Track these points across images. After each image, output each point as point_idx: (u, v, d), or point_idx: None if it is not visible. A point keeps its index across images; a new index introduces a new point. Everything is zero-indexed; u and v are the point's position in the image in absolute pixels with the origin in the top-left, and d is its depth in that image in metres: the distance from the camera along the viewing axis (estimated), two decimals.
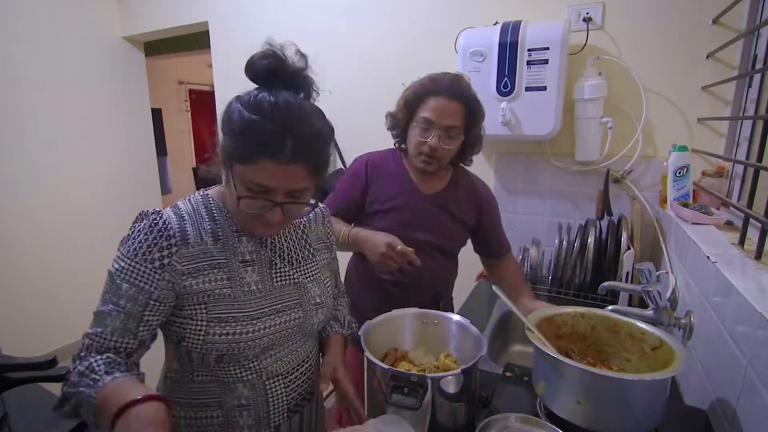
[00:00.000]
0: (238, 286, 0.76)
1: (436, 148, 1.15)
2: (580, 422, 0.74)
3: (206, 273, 0.74)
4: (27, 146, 2.59)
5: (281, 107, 0.69)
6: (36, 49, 2.58)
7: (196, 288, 0.73)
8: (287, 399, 0.85)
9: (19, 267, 2.62)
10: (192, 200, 0.79)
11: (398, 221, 1.23)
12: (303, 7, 2.19)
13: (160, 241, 0.71)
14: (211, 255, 0.75)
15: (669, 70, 1.53)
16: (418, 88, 1.18)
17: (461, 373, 0.77)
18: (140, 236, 0.71)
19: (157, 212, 0.73)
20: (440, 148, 1.15)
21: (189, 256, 0.73)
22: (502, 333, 1.48)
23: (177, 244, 0.72)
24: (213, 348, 0.74)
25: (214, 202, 0.79)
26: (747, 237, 0.93)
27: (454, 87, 1.14)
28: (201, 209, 0.78)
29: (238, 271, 0.77)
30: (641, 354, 0.87)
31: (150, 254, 0.70)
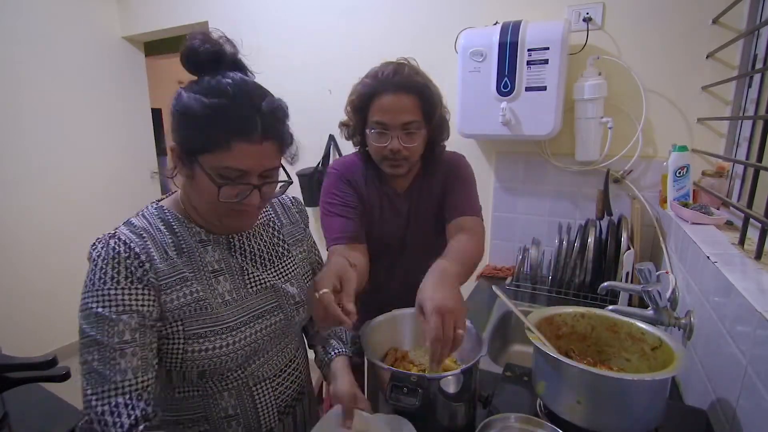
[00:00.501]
0: (211, 298, 0.72)
1: (398, 150, 1.03)
2: (580, 422, 0.74)
3: (178, 289, 0.70)
4: (27, 146, 2.59)
5: (242, 87, 0.67)
6: (36, 49, 2.58)
7: (170, 305, 0.69)
8: (276, 402, 0.82)
9: (19, 267, 2.62)
10: (146, 215, 0.74)
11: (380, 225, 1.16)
12: (303, 7, 2.19)
13: (132, 260, 0.66)
14: (179, 269, 0.71)
15: (669, 70, 1.53)
16: (361, 90, 1.05)
17: (461, 373, 0.77)
18: (111, 263, 0.65)
19: (112, 235, 0.69)
20: (402, 149, 1.03)
21: (159, 272, 0.68)
22: (502, 333, 1.48)
23: (147, 260, 0.67)
24: (193, 365, 0.71)
25: (170, 213, 0.74)
26: (747, 237, 0.93)
27: (398, 79, 1.02)
28: (158, 223, 0.73)
29: (209, 282, 0.73)
30: (641, 354, 0.86)
31: (132, 275, 0.66)
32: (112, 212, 3.07)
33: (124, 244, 0.67)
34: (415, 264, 1.06)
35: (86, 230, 2.94)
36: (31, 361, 0.92)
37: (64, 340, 2.86)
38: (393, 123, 1.02)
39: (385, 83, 1.02)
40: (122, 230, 0.71)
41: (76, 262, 3.19)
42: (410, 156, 1.06)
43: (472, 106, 1.69)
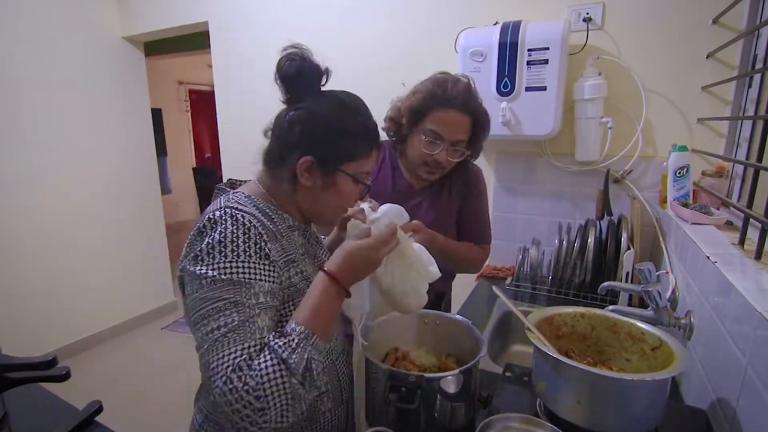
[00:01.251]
0: (309, 279, 0.75)
1: (442, 162, 1.10)
2: (580, 422, 0.74)
3: (287, 268, 0.72)
4: (27, 146, 2.59)
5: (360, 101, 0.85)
6: (36, 49, 2.58)
7: (286, 282, 0.72)
8: (348, 372, 0.88)
9: (19, 267, 2.62)
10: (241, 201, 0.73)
11: None
12: (303, 7, 2.19)
13: (262, 235, 0.68)
14: (287, 251, 0.74)
15: (669, 70, 1.53)
16: (426, 97, 1.08)
17: (461, 373, 0.77)
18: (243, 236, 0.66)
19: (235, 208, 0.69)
20: (447, 161, 1.11)
21: (274, 252, 0.70)
22: (502, 333, 1.48)
23: (268, 239, 0.69)
24: None
25: (260, 202, 0.76)
26: (747, 237, 0.93)
27: (467, 100, 1.08)
28: (253, 210, 0.72)
29: (305, 264, 0.77)
30: (641, 354, 0.87)
31: (261, 251, 0.67)
32: (112, 212, 3.08)
33: (254, 218, 0.69)
34: None
35: (86, 230, 2.95)
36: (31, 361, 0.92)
37: (64, 340, 2.86)
38: (448, 137, 1.08)
39: (453, 99, 1.07)
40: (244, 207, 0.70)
41: (76, 261, 3.22)
42: (447, 168, 1.14)
43: None
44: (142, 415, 2.29)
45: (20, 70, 2.52)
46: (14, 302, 2.60)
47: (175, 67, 5.65)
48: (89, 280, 2.97)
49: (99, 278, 3.02)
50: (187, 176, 6.18)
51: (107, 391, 2.51)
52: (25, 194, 2.60)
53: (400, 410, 0.76)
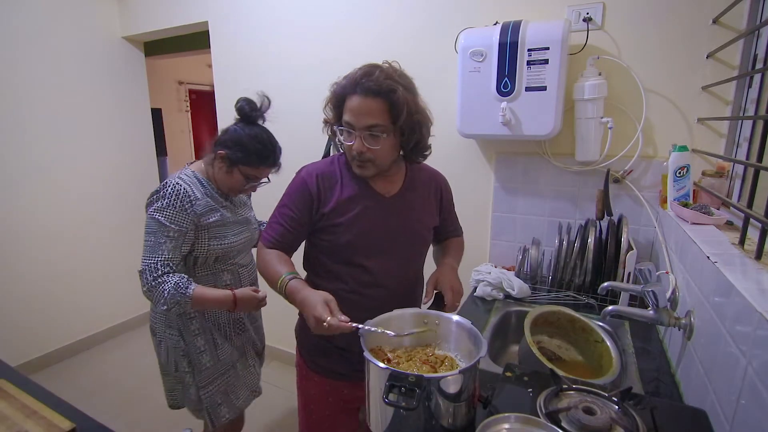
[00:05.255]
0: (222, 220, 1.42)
1: (361, 151, 1.06)
2: None
3: None
4: (27, 146, 2.59)
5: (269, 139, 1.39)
6: (36, 49, 2.58)
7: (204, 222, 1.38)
8: None
9: (19, 267, 2.62)
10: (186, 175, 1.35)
11: (362, 230, 1.13)
12: (302, 7, 2.19)
13: None
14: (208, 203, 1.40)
15: (669, 70, 1.53)
16: (337, 90, 1.08)
17: (461, 373, 0.77)
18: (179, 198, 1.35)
19: None
20: (366, 150, 1.05)
21: None
22: (502, 333, 1.48)
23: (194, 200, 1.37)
24: None
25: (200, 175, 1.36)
26: (747, 237, 0.93)
27: (367, 82, 1.02)
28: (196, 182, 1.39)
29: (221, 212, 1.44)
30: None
31: None
32: (112, 212, 3.08)
33: None
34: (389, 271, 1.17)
35: (86, 230, 2.95)
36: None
37: (64, 340, 2.86)
38: (358, 124, 1.04)
39: (355, 85, 1.03)
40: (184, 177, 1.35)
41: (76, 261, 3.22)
42: (376, 159, 1.07)
43: (472, 106, 1.69)
44: (142, 415, 2.29)
45: (20, 70, 2.52)
46: (14, 302, 2.60)
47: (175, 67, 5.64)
48: (89, 280, 2.97)
49: (99, 278, 3.02)
50: None
51: (107, 391, 2.51)
52: (24, 194, 2.60)
53: (400, 410, 0.76)
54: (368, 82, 1.02)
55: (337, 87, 1.08)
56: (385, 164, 1.11)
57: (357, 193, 1.14)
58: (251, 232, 1.51)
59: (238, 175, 1.36)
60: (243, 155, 1.34)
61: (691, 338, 0.98)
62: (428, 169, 1.29)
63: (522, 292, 1.56)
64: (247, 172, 1.37)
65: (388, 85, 1.02)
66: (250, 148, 1.34)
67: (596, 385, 0.89)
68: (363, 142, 1.04)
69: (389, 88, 1.02)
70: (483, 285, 1.62)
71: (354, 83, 1.03)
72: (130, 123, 3.16)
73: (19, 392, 1.02)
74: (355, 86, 1.03)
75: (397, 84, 1.03)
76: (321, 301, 0.94)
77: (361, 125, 1.04)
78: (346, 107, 1.06)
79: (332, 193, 1.13)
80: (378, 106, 1.02)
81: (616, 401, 0.81)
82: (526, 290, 1.57)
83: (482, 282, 1.63)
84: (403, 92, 1.03)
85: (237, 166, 1.35)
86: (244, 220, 1.48)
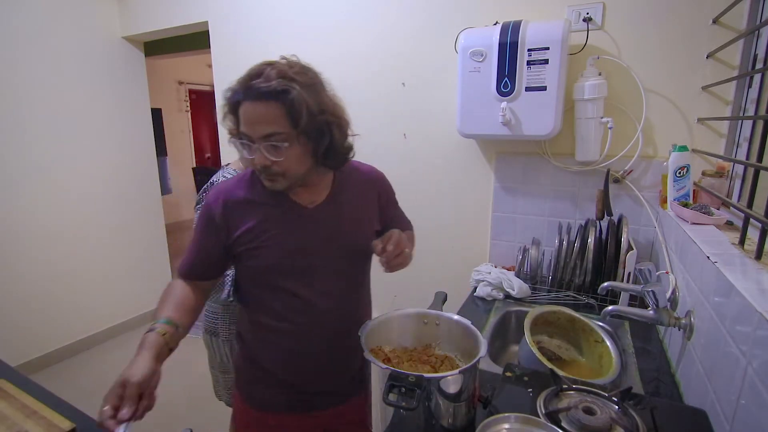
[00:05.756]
0: None
1: (265, 165, 0.90)
2: None
3: None
4: (27, 146, 2.59)
5: None
6: (36, 49, 2.58)
7: None
8: None
9: (19, 267, 2.62)
10: None
11: (285, 250, 0.98)
12: (303, 7, 2.19)
13: None
14: None
15: (669, 70, 1.53)
16: (229, 97, 0.91)
17: (461, 373, 0.77)
18: None
19: None
20: (271, 163, 0.90)
21: None
22: (502, 333, 1.48)
23: None
24: None
25: None
26: (747, 237, 0.93)
27: (257, 84, 0.87)
28: None
29: None
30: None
31: None
32: (112, 212, 3.08)
33: None
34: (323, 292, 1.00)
35: (86, 230, 2.95)
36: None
37: (64, 340, 2.86)
38: (255, 135, 0.88)
39: (244, 89, 0.88)
40: None
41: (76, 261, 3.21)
42: (285, 171, 0.92)
43: (472, 106, 1.69)
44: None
45: (20, 69, 2.52)
46: (14, 302, 2.60)
47: (175, 67, 5.65)
48: (89, 280, 2.97)
49: (99, 278, 3.02)
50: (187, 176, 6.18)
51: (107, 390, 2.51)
52: (24, 194, 2.60)
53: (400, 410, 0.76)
54: (258, 85, 0.86)
55: (229, 93, 0.92)
56: (298, 175, 0.94)
57: (274, 209, 0.99)
58: None
59: None
60: None
61: (691, 338, 0.98)
62: (363, 168, 1.13)
63: (522, 292, 1.56)
64: None
65: (281, 86, 0.86)
66: None
67: (596, 385, 0.89)
68: (265, 154, 0.89)
69: (282, 89, 0.86)
70: (483, 285, 1.62)
71: (243, 87, 0.88)
72: (130, 123, 3.16)
73: (19, 392, 1.02)
74: (244, 91, 0.88)
75: (291, 83, 0.87)
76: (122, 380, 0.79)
77: (258, 135, 0.88)
78: (240, 116, 0.90)
79: (244, 213, 0.98)
80: (273, 112, 0.87)
81: (616, 401, 0.82)
82: (526, 290, 1.57)
83: (482, 282, 1.63)
84: (300, 92, 0.87)
85: None
86: None
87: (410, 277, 2.17)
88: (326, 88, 0.96)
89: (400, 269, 0.96)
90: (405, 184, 2.11)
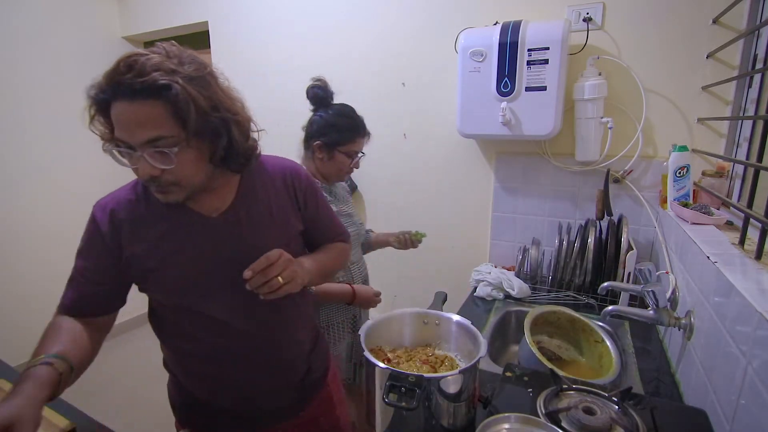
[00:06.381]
0: None
1: (154, 176, 0.75)
2: None
3: None
4: (27, 146, 2.59)
5: None
6: (36, 49, 2.58)
7: None
8: None
9: (19, 267, 2.62)
10: None
11: (189, 267, 0.85)
12: (303, 7, 2.19)
13: None
14: None
15: (669, 70, 1.53)
16: (95, 96, 0.74)
17: (461, 373, 0.77)
18: None
19: None
20: (160, 172, 0.74)
21: None
22: (502, 333, 1.48)
23: None
24: None
25: None
26: (747, 237, 0.93)
27: (130, 80, 0.69)
28: None
29: None
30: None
31: None
32: None
33: None
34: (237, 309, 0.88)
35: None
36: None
37: None
38: (135, 141, 0.72)
39: (115, 86, 0.71)
40: None
41: None
42: (180, 180, 0.77)
43: (472, 106, 1.69)
44: (142, 415, 2.29)
45: (20, 69, 2.52)
46: (14, 302, 2.60)
47: None
48: None
49: None
50: None
51: (107, 391, 2.51)
52: (24, 194, 2.60)
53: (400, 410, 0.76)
54: (130, 80, 0.69)
55: (94, 91, 0.73)
56: (195, 183, 0.80)
57: (172, 222, 0.85)
58: (357, 227, 1.48)
59: (340, 156, 1.36)
60: (338, 135, 1.34)
61: (691, 338, 0.98)
62: (273, 162, 0.97)
63: (522, 292, 1.56)
64: (347, 150, 1.36)
65: (160, 80, 0.70)
66: (341, 125, 1.35)
67: (596, 385, 0.89)
68: (150, 162, 0.73)
69: (162, 84, 0.70)
70: (483, 285, 1.62)
71: (112, 83, 0.71)
72: None
73: None
74: (113, 88, 0.71)
75: (172, 75, 0.71)
76: None
77: (138, 141, 0.72)
78: (113, 119, 0.73)
79: (138, 228, 0.84)
80: (153, 112, 0.71)
81: (616, 401, 0.82)
82: (526, 290, 1.57)
83: (482, 282, 1.63)
84: (185, 86, 0.71)
85: (336, 148, 1.35)
86: (347, 215, 1.45)
87: (410, 277, 2.18)
88: (218, 79, 0.82)
89: (271, 297, 0.79)
90: (405, 184, 2.13)
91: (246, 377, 0.94)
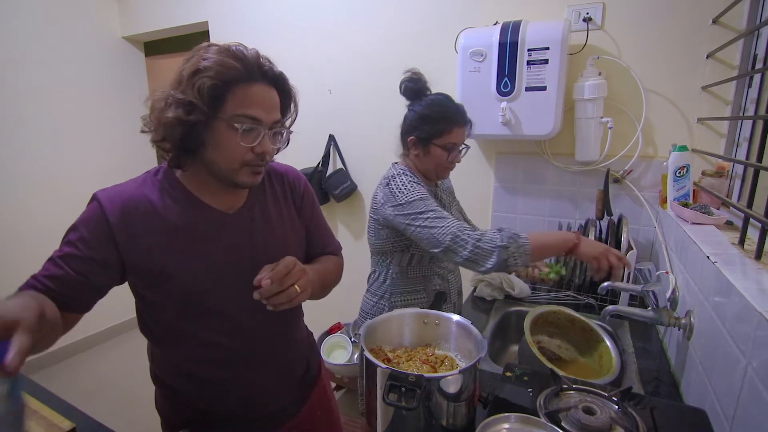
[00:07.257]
0: None
1: (268, 152, 0.82)
2: None
3: None
4: (27, 146, 2.59)
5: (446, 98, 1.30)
6: (36, 49, 2.58)
7: None
8: None
9: (19, 267, 2.62)
10: None
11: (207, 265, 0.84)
12: (302, 7, 2.19)
13: None
14: None
15: (669, 70, 1.53)
16: (222, 72, 0.76)
17: (461, 373, 0.77)
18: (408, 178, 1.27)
19: None
20: (272, 151, 0.84)
21: None
22: (502, 333, 1.48)
23: None
24: None
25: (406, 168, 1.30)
26: (747, 237, 0.93)
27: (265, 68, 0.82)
28: None
29: None
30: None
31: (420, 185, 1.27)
32: None
33: None
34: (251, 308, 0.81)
35: None
36: None
37: (64, 340, 2.84)
38: (267, 120, 0.81)
39: (256, 70, 0.80)
40: None
41: None
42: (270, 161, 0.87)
43: (472, 106, 1.67)
44: (142, 415, 2.28)
45: (20, 69, 2.52)
46: None
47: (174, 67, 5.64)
48: None
49: None
50: None
51: (107, 391, 2.51)
52: (24, 194, 2.60)
53: (400, 410, 0.76)
54: (270, 67, 0.82)
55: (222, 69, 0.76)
56: None
57: (189, 218, 0.84)
58: None
59: (436, 150, 1.25)
60: (431, 126, 1.23)
61: (691, 338, 0.98)
62: (276, 165, 1.01)
63: (522, 292, 1.56)
64: (444, 142, 1.24)
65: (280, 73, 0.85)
66: (433, 116, 1.24)
67: (596, 385, 0.89)
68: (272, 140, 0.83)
69: (284, 77, 0.85)
70: (483, 285, 1.62)
71: (255, 67, 0.80)
72: (130, 123, 3.15)
73: None
74: (256, 72, 0.80)
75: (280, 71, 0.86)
76: None
77: (270, 120, 0.82)
78: (241, 96, 0.78)
79: (150, 225, 0.81)
80: (277, 98, 0.85)
81: (616, 401, 0.82)
82: (526, 290, 1.57)
83: (482, 282, 1.63)
84: None
85: (431, 142, 1.24)
86: None
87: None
88: None
89: (285, 307, 0.78)
90: None
91: (254, 378, 0.93)
